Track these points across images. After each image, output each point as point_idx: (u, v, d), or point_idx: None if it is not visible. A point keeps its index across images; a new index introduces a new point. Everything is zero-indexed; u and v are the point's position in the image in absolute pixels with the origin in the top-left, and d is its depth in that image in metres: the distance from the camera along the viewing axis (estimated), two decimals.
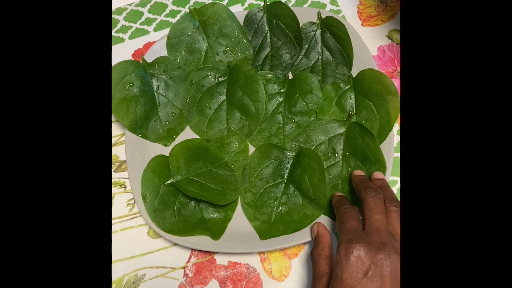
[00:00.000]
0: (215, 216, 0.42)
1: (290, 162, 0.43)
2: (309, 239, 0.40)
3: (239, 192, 0.42)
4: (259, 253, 0.42)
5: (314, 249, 0.35)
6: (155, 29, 0.52)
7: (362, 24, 0.51)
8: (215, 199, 0.41)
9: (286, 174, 0.43)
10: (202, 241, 0.40)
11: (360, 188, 0.36)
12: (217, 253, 0.42)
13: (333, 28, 0.47)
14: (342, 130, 0.43)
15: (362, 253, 0.29)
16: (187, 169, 0.42)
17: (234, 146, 0.45)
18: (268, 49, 0.48)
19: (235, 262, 0.41)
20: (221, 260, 0.41)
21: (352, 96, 0.45)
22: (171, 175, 0.42)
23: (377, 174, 0.40)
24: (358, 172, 0.40)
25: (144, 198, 0.42)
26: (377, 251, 0.29)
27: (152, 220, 0.41)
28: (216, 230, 0.41)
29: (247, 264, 0.41)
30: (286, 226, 0.41)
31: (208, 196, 0.40)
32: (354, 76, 0.45)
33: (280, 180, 0.43)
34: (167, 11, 0.53)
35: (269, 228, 0.41)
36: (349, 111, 0.44)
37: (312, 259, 0.35)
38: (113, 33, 0.51)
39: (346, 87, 0.45)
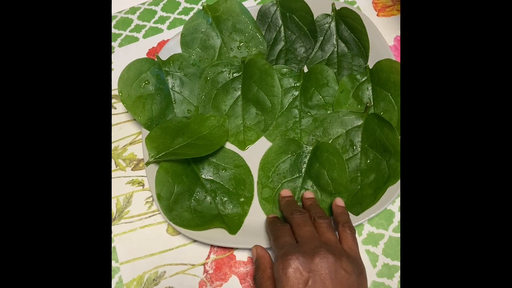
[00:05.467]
0: (231, 211, 0.42)
1: (308, 157, 0.43)
2: None
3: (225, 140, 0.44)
4: None
5: (256, 272, 0.35)
6: (169, 27, 0.52)
7: (377, 15, 0.50)
8: (204, 151, 0.41)
9: (303, 169, 0.43)
10: (221, 237, 0.40)
11: (286, 211, 0.37)
12: (236, 249, 0.41)
13: (348, 20, 0.46)
14: (360, 122, 0.43)
15: (299, 264, 0.30)
16: (167, 147, 0.42)
17: (212, 121, 0.45)
18: (282, 43, 0.48)
19: None
20: (240, 256, 0.41)
21: (369, 88, 0.44)
22: (149, 156, 0.42)
23: (307, 194, 0.40)
24: (285, 193, 0.40)
25: (159, 198, 0.41)
26: (312, 257, 0.30)
27: (169, 219, 0.41)
28: (233, 225, 0.41)
29: None
30: None
31: (196, 152, 0.41)
32: (370, 67, 0.45)
33: (297, 175, 0.43)
34: (180, 8, 0.53)
35: None
36: (367, 103, 0.43)
37: (256, 283, 0.35)
38: (127, 32, 0.52)
39: (363, 79, 0.44)
